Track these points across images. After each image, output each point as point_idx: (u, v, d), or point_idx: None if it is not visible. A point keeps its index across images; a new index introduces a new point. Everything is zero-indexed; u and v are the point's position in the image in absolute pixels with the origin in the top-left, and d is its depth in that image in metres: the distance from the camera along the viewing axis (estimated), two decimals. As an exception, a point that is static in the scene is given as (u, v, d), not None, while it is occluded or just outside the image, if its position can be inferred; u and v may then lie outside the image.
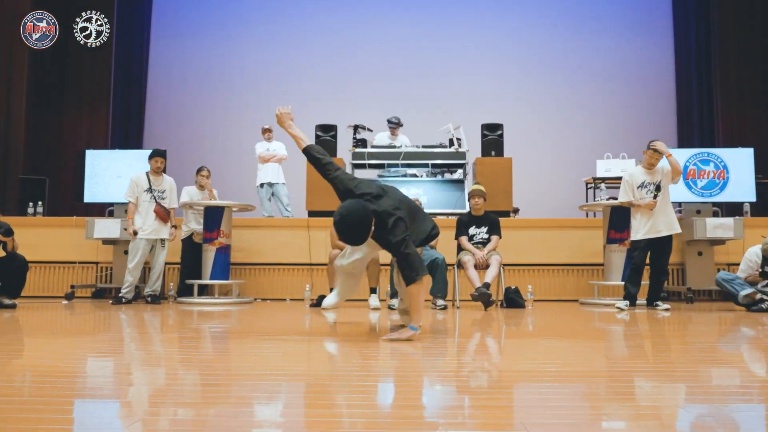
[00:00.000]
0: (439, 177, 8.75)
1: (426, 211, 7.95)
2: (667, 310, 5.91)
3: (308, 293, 6.92)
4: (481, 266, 6.35)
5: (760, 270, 5.96)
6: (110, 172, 7.74)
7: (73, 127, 11.73)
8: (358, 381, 2.36)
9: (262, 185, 9.16)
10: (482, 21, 12.84)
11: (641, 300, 6.26)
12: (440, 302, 6.17)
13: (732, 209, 8.66)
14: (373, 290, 6.33)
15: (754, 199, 7.61)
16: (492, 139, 8.51)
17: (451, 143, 8.51)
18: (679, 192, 7.26)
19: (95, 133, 11.75)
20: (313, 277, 7.59)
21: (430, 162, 8.53)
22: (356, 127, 8.72)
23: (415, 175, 8.79)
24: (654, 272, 6.21)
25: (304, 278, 7.60)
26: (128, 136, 12.34)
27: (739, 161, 7.55)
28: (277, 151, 9.25)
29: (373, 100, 12.15)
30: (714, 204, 7.55)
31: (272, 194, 9.22)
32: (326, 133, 8.63)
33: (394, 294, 6.18)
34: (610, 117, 12.30)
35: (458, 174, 8.64)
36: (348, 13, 12.95)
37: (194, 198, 7.34)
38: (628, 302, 6.04)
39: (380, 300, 6.27)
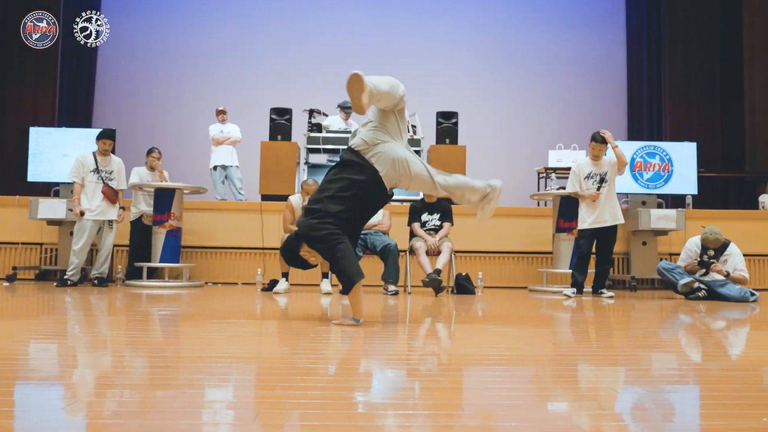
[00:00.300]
0: (393, 163, 8.74)
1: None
2: (611, 297, 6.07)
3: (260, 277, 6.88)
4: (433, 252, 6.41)
5: (698, 259, 6.17)
6: (56, 151, 7.48)
7: (17, 102, 11.27)
8: (308, 364, 2.36)
9: (215, 168, 9.02)
10: (440, 8, 12.85)
11: (588, 288, 6.42)
12: (392, 288, 6.19)
13: (676, 201, 8.93)
14: (325, 275, 6.32)
15: (695, 192, 7.86)
16: (447, 126, 8.56)
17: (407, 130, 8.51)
18: (625, 183, 7.44)
19: (41, 110, 11.32)
20: (266, 261, 7.53)
21: (385, 148, 8.51)
22: (311, 112, 8.65)
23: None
24: (599, 261, 6.36)
25: (256, 262, 7.55)
26: (76, 114, 11.97)
27: (683, 155, 7.78)
28: (231, 134, 9.11)
29: (328, 85, 11.97)
30: (659, 196, 7.77)
31: (225, 177, 9.08)
32: (281, 116, 8.54)
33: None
34: (563, 108, 12.50)
35: (413, 161, 8.64)
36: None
37: (144, 179, 7.19)
38: (575, 290, 6.17)
39: (332, 285, 6.27)
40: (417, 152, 8.40)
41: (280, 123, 8.44)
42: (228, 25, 12.65)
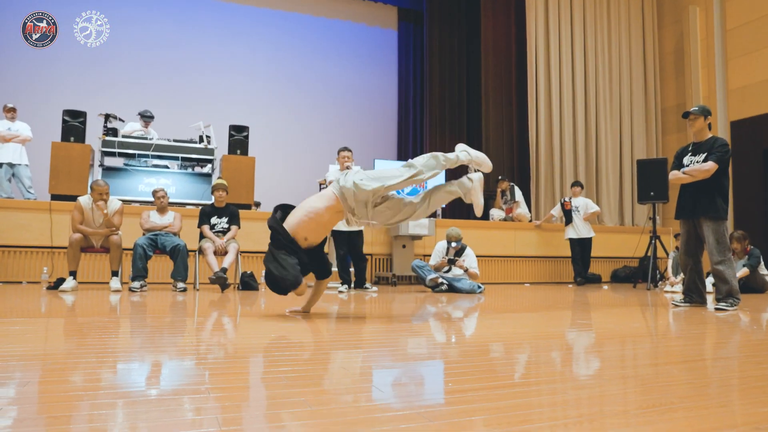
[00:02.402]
0: (189, 170, 8.37)
1: (174, 200, 7.62)
2: (375, 292, 6.40)
3: (45, 276, 6.15)
4: (220, 253, 6.25)
5: (447, 257, 6.77)
6: None
7: None
8: (96, 359, 2.17)
9: (0, 165, 7.87)
10: (240, 28, 12.54)
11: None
12: (180, 285, 5.93)
13: (428, 213, 9.65)
14: (114, 273, 5.84)
15: (444, 205, 8.59)
16: (238, 139, 8.39)
17: (201, 140, 8.20)
18: (389, 197, 7.88)
19: None
20: (54, 260, 6.75)
21: (180, 155, 8.10)
22: (107, 116, 7.93)
23: (166, 167, 8.31)
24: (355, 261, 6.74)
25: (44, 261, 6.73)
26: None
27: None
28: (20, 132, 8.03)
29: (125, 91, 11.18)
30: (415, 208, 8.34)
31: (12, 175, 7.98)
32: (74, 119, 7.70)
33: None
34: (343, 127, 12.87)
35: (207, 168, 8.36)
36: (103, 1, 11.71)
37: None
38: (347, 285, 6.42)
39: (122, 283, 5.80)
40: (209, 161, 8.17)
41: (73, 125, 7.61)
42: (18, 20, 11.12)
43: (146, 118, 8.58)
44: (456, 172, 9.52)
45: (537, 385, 1.85)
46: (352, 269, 6.82)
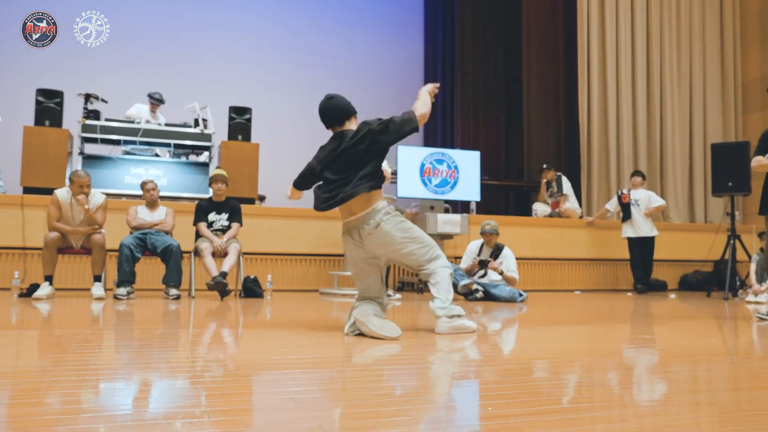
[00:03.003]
0: (183, 159, 8.45)
1: (165, 194, 7.71)
2: (398, 300, 6.40)
3: (17, 281, 6.25)
4: (220, 254, 6.28)
5: (479, 258, 6.75)
6: None
7: None
8: (76, 377, 2.19)
9: (-36, 153, 8.03)
10: (241, 2, 12.62)
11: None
12: (173, 291, 5.98)
13: (462, 207, 9.65)
14: (97, 278, 5.91)
15: (478, 199, 8.57)
16: (240, 122, 8.42)
17: (197, 124, 8.26)
18: (415, 189, 7.90)
19: None
20: (26, 263, 6.86)
21: (172, 142, 8.17)
22: (88, 96, 8.01)
23: (157, 155, 8.39)
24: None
25: (15, 264, 6.84)
26: None
27: (468, 163, 8.43)
28: (-14, 115, 8.18)
29: (112, 69, 11.32)
30: (446, 201, 8.35)
31: (-21, 166, 8.13)
32: (50, 99, 7.78)
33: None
34: (361, 107, 12.70)
35: (203, 157, 8.42)
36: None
37: None
38: None
39: (106, 289, 5.87)
40: (207, 148, 8.24)
41: (48, 106, 7.69)
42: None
43: (154, 100, 8.71)
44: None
45: (591, 411, 1.83)
46: None
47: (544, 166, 9.83)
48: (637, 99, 10.79)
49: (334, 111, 3.97)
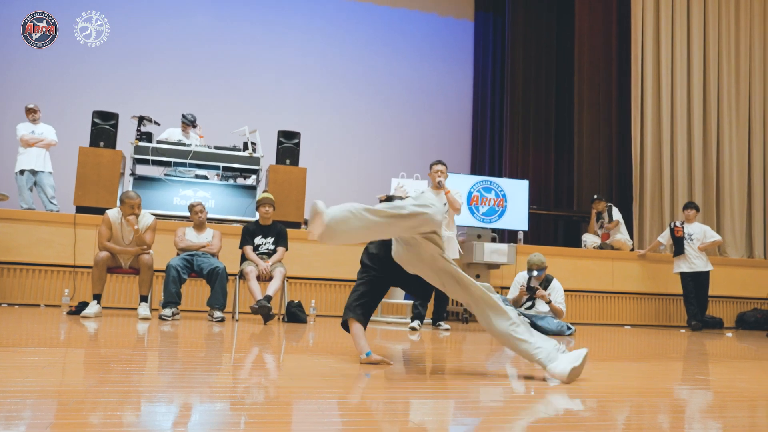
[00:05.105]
0: (230, 181, 8.59)
1: (213, 216, 7.84)
2: (447, 330, 6.35)
3: (67, 299, 6.40)
4: (264, 278, 6.33)
5: (525, 285, 6.65)
6: None
7: None
8: (120, 397, 2.22)
9: (22, 172, 8.29)
10: (293, 24, 12.86)
11: (428, 319, 6.72)
12: (218, 314, 6.04)
13: (509, 236, 9.55)
14: (143, 298, 6.02)
15: (526, 228, 8.48)
16: (288, 147, 8.55)
17: (246, 147, 8.40)
18: (462, 217, 7.86)
19: None
20: (76, 281, 7.04)
21: (221, 164, 8.32)
22: (141, 119, 8.25)
23: (205, 177, 8.55)
24: (436, 295, 6.67)
25: (65, 282, 7.02)
26: None
27: (516, 191, 8.36)
28: (44, 135, 8.45)
29: (163, 93, 11.63)
30: (493, 230, 8.27)
31: (35, 183, 8.39)
32: (105, 121, 8.04)
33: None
34: (409, 138, 12.94)
35: (251, 180, 8.55)
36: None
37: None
38: (419, 321, 6.40)
39: (152, 309, 5.97)
40: (254, 171, 8.36)
41: (103, 128, 7.95)
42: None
43: (187, 121, 8.91)
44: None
45: (642, 454, 1.76)
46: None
47: (595, 196, 9.68)
48: (693, 128, 10.57)
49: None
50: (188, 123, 8.97)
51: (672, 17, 10.73)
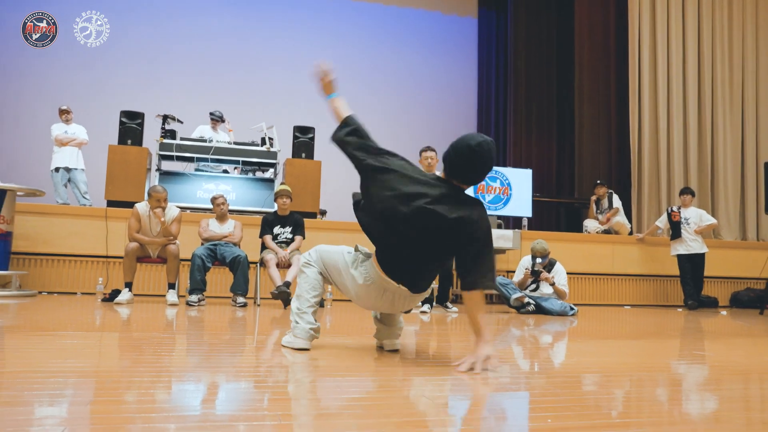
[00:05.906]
0: (250, 175, 8.62)
1: (234, 207, 7.87)
2: (455, 312, 6.37)
3: (101, 287, 6.48)
4: (284, 265, 6.37)
5: (530, 269, 6.65)
6: None
7: None
8: (152, 377, 2.25)
9: (57, 170, 8.40)
10: (305, 22, 12.86)
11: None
12: (240, 299, 6.09)
13: (514, 222, 9.54)
14: (171, 286, 6.07)
15: (530, 215, 8.46)
16: (303, 141, 8.57)
17: (263, 142, 8.43)
18: (469, 205, 7.85)
19: None
20: (109, 270, 7.10)
21: (241, 159, 8.36)
22: (165, 117, 8.30)
23: (226, 171, 8.60)
24: (441, 276, 6.68)
25: (99, 271, 7.09)
26: None
27: (521, 180, 8.34)
28: (76, 135, 8.53)
29: (185, 92, 11.67)
30: (498, 217, 8.26)
31: (69, 180, 8.49)
32: (132, 120, 8.10)
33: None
34: (416, 130, 12.90)
35: (269, 173, 8.58)
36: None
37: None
38: (429, 305, 6.42)
39: (179, 296, 6.02)
40: (272, 165, 8.38)
41: (130, 127, 8.02)
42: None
43: (215, 117, 8.97)
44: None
45: (639, 427, 1.78)
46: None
47: (598, 181, 9.63)
48: (688, 117, 10.49)
49: (491, 164, 2.86)
50: (217, 119, 9.03)
51: (668, 12, 10.63)
